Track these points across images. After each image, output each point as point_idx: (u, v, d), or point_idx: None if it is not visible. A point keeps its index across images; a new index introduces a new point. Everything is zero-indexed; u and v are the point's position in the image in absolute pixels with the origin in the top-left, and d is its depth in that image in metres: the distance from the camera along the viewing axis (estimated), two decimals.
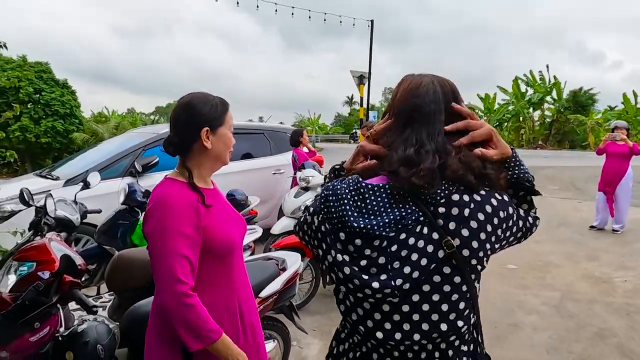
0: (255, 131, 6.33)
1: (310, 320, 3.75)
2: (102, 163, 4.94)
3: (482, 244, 0.92)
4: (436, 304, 0.91)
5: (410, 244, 0.90)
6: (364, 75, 12.46)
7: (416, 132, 0.98)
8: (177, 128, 1.47)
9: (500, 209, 0.95)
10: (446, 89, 1.03)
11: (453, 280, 0.91)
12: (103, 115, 32.49)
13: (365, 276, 0.91)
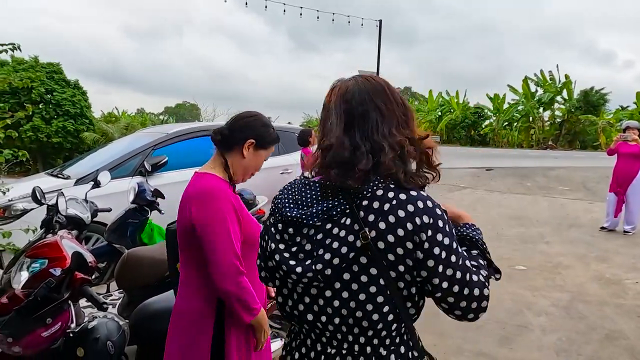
0: None
1: None
2: (112, 162, 4.99)
3: (399, 240, 0.94)
4: (354, 293, 0.97)
5: (334, 233, 0.98)
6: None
7: (350, 135, 1.01)
8: (234, 125, 1.67)
9: (425, 214, 0.95)
10: (374, 87, 1.06)
11: (369, 272, 0.96)
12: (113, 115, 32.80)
13: (293, 262, 1.00)
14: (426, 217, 0.95)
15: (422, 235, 0.94)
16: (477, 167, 15.59)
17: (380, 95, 1.04)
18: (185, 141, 5.45)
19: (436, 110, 38.97)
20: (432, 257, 0.95)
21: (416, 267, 0.97)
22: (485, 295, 1.01)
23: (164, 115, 62.48)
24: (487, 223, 7.45)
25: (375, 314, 0.97)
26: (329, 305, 0.99)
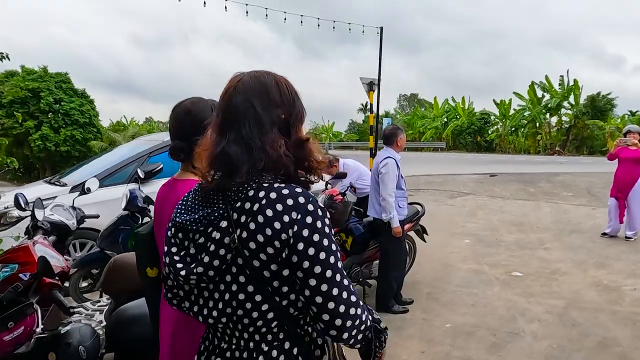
0: None
1: None
2: (108, 170, 5.04)
3: (268, 239, 0.95)
4: (234, 293, 1.00)
5: (213, 237, 1.00)
6: (373, 82, 12.43)
7: (226, 135, 1.02)
8: (181, 133, 1.53)
9: (295, 210, 0.96)
10: (257, 85, 1.05)
11: (246, 272, 0.98)
12: (121, 124, 33.21)
13: (180, 265, 1.03)
14: (295, 214, 0.95)
15: (289, 232, 0.95)
16: (481, 173, 15.49)
17: (260, 94, 1.04)
18: None
19: (442, 116, 38.88)
20: (304, 256, 0.96)
21: (291, 268, 0.98)
22: (363, 320, 1.02)
23: None
24: (487, 229, 7.40)
25: (254, 312, 0.99)
26: (216, 306, 1.02)
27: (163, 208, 1.54)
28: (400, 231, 3.83)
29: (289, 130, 1.07)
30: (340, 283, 0.99)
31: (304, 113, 1.12)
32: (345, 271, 3.87)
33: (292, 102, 1.08)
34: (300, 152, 1.06)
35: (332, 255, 0.99)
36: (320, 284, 0.97)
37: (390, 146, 3.97)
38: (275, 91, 1.07)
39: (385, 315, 3.93)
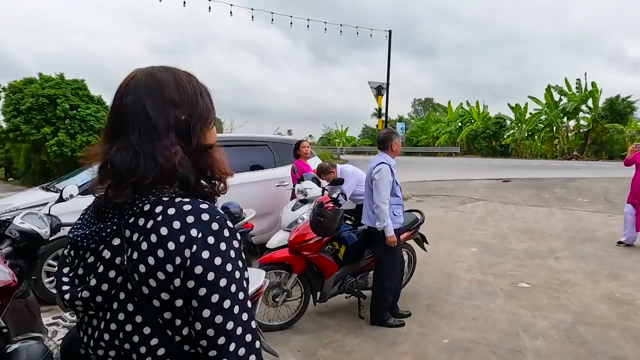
0: (259, 143, 6.26)
1: (297, 340, 3.58)
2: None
3: (159, 263, 0.82)
4: (121, 323, 0.86)
5: (104, 256, 0.87)
6: (382, 86, 12.27)
7: (117, 141, 0.89)
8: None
9: (195, 228, 0.83)
10: (153, 83, 0.91)
11: (134, 299, 0.85)
12: None
13: (66, 287, 0.91)
14: (194, 232, 0.82)
15: (186, 253, 0.81)
16: (494, 178, 15.12)
17: (154, 93, 0.90)
18: None
19: (456, 121, 38.38)
20: (201, 282, 0.82)
21: (186, 297, 0.83)
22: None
23: None
24: (496, 236, 7.14)
25: (142, 346, 0.86)
26: (102, 337, 0.89)
27: None
28: (395, 240, 3.64)
29: (193, 133, 0.92)
30: (237, 317, 0.84)
31: (211, 114, 0.97)
32: (339, 282, 3.63)
33: (194, 101, 0.94)
34: (202, 160, 0.92)
35: (235, 284, 0.84)
36: (214, 315, 0.82)
37: (384, 151, 3.80)
38: (173, 89, 0.92)
39: (379, 329, 3.75)
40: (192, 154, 0.91)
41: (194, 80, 0.97)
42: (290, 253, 3.72)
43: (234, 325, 0.83)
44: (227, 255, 0.84)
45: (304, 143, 5.73)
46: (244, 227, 4.71)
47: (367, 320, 3.90)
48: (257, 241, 4.95)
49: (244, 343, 0.85)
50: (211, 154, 0.94)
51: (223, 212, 0.90)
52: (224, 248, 0.84)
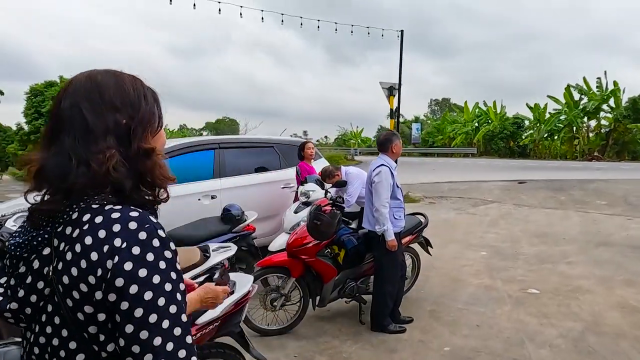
0: (265, 145, 6.23)
1: (294, 346, 3.52)
2: None
3: (82, 274, 0.78)
4: (49, 337, 0.83)
5: (33, 266, 0.85)
6: (393, 87, 12.12)
7: (52, 146, 0.86)
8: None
9: (119, 237, 0.79)
10: (93, 86, 0.88)
11: (60, 312, 0.81)
12: None
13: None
14: (119, 242, 0.79)
15: (108, 264, 0.77)
16: (509, 180, 14.82)
17: (92, 96, 0.87)
18: (178, 156, 5.40)
19: (473, 121, 37.86)
20: (124, 295, 0.77)
21: (109, 311, 0.79)
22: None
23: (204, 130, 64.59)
24: (507, 240, 6.96)
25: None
26: (32, 350, 0.86)
27: None
28: (395, 244, 3.56)
29: (132, 138, 0.88)
30: (167, 332, 0.79)
31: (155, 118, 0.94)
32: (339, 286, 3.57)
33: (136, 105, 0.90)
34: (142, 165, 0.88)
35: (164, 297, 0.79)
36: (139, 331, 0.77)
37: (385, 153, 3.71)
38: (113, 92, 0.89)
39: (379, 335, 3.66)
40: (132, 159, 0.87)
41: (138, 84, 0.94)
42: (288, 257, 3.66)
43: (162, 341, 0.79)
44: (155, 266, 0.80)
45: (308, 144, 5.67)
46: (245, 230, 4.68)
47: (368, 325, 3.82)
48: (262, 243, 4.91)
49: (176, 359, 0.80)
50: (152, 158, 0.90)
51: (156, 221, 0.86)
52: (151, 259, 0.80)
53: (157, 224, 0.85)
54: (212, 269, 3.13)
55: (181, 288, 0.85)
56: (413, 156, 38.13)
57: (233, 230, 4.57)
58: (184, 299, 0.86)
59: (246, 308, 2.34)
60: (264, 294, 3.76)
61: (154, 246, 0.81)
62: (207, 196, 5.37)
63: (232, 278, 2.44)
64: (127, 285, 0.77)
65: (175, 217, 4.71)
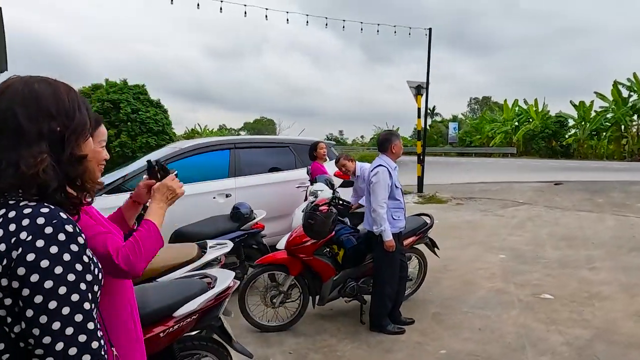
0: (280, 144, 6.33)
1: (291, 342, 3.58)
2: (127, 175, 5.25)
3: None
4: None
5: None
6: (421, 86, 11.95)
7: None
8: None
9: (25, 231, 0.86)
10: (25, 92, 0.96)
11: None
12: (195, 132, 35.22)
13: None
14: (24, 235, 0.86)
15: (13, 254, 0.85)
16: (545, 181, 14.23)
17: (28, 103, 0.95)
18: (195, 156, 5.59)
19: (513, 120, 36.55)
20: (25, 283, 0.85)
21: (15, 297, 0.86)
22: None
23: (243, 130, 65.97)
24: (530, 243, 6.72)
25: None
26: None
27: None
28: (393, 245, 3.54)
29: (64, 144, 0.97)
30: (67, 318, 0.87)
31: (87, 127, 1.03)
32: (339, 285, 3.67)
33: (71, 114, 0.99)
34: (74, 170, 0.97)
35: (65, 286, 0.88)
36: (39, 315, 0.86)
37: (384, 153, 3.70)
38: (50, 101, 0.98)
39: (378, 336, 3.66)
40: (64, 164, 0.96)
41: (72, 94, 1.03)
42: (287, 255, 3.73)
43: (61, 326, 0.86)
44: (58, 258, 0.88)
45: (320, 145, 5.72)
46: (254, 228, 4.80)
47: (368, 326, 3.83)
48: (274, 242, 5.00)
49: (76, 343, 0.88)
50: (84, 164, 0.99)
51: (66, 217, 0.93)
52: (55, 251, 0.88)
53: (67, 220, 0.92)
54: (208, 265, 3.26)
55: (87, 279, 0.92)
56: (450, 156, 37.30)
57: (241, 228, 4.69)
58: (91, 289, 0.93)
59: (225, 303, 2.42)
60: (264, 291, 3.84)
61: (58, 240, 0.89)
62: (222, 195, 5.53)
63: (215, 274, 2.54)
64: (28, 275, 0.85)
65: (191, 214, 4.89)
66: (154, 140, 19.75)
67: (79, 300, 0.89)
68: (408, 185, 12.66)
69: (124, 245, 1.30)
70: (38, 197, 0.94)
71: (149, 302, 2.17)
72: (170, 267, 3.01)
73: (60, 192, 0.97)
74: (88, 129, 1.04)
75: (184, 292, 2.27)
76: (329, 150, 6.58)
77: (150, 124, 19.84)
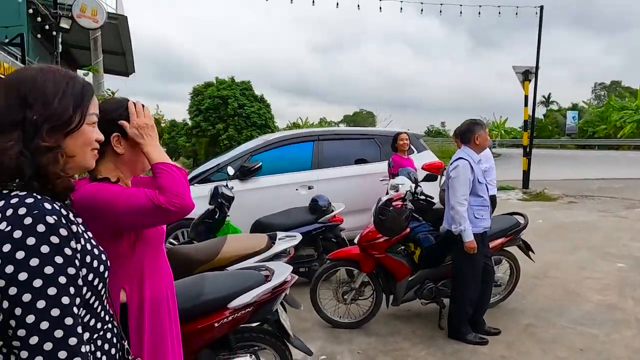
0: (365, 136, 6.16)
1: (361, 341, 3.45)
2: (216, 167, 5.53)
3: None
4: None
5: None
6: (529, 71, 10.78)
7: None
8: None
9: (5, 221, 0.86)
10: (11, 79, 0.97)
11: None
12: (297, 125, 36.50)
13: None
14: (4, 224, 0.86)
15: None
16: None
17: (9, 90, 0.96)
18: (279, 148, 5.68)
19: None
20: (3, 275, 0.85)
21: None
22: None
23: (343, 122, 66.65)
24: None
25: None
26: None
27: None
28: (474, 246, 3.20)
29: (41, 134, 0.95)
30: (42, 311, 0.85)
31: (68, 118, 0.99)
32: (415, 286, 3.48)
33: (48, 103, 0.96)
34: (39, 160, 0.93)
35: (41, 279, 0.86)
36: (14, 308, 0.85)
37: (466, 145, 3.35)
38: (30, 89, 0.96)
39: (456, 344, 3.36)
40: (32, 153, 0.94)
41: (58, 83, 0.99)
42: (360, 251, 3.59)
43: (35, 319, 0.85)
44: (35, 249, 0.86)
45: (402, 135, 5.41)
46: (332, 221, 4.74)
47: (446, 332, 3.54)
48: (354, 237, 4.90)
49: (51, 338, 0.86)
50: (48, 155, 0.95)
51: (50, 208, 0.91)
52: (32, 243, 0.86)
53: (50, 211, 0.90)
54: (276, 256, 3.27)
55: (69, 272, 0.90)
56: (567, 148, 33.60)
57: (319, 220, 4.66)
58: (73, 283, 0.91)
59: (281, 297, 2.37)
60: (336, 286, 3.76)
61: (37, 231, 0.87)
62: (305, 186, 5.56)
63: (274, 267, 2.51)
64: (3, 266, 0.85)
65: (273, 205, 5.00)
66: (257, 134, 20.83)
67: (56, 293, 0.86)
68: (512, 180, 11.62)
69: (153, 191, 1.30)
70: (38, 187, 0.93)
71: (205, 291, 2.20)
72: (240, 256, 3.06)
73: (40, 182, 0.94)
74: (72, 121, 1.00)
75: (240, 284, 2.27)
76: (417, 142, 6.25)
77: (254, 118, 21.01)
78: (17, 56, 6.76)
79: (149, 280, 1.49)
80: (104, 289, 1.04)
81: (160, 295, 1.55)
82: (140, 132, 1.38)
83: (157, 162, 1.35)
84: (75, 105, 1.01)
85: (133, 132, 1.38)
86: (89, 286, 0.98)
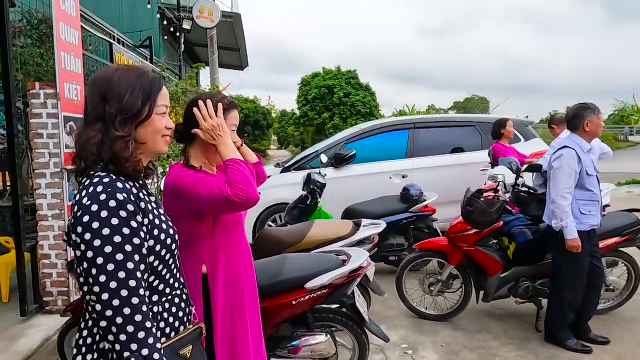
0: (465, 123, 5.85)
1: (446, 335, 3.36)
2: (313, 153, 5.72)
3: (70, 218, 1.10)
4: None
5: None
6: None
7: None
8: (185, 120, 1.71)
9: (80, 201, 1.06)
10: (99, 78, 1.15)
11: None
12: (403, 113, 35.72)
13: None
14: (86, 199, 1.05)
15: (77, 214, 1.05)
16: None
17: (96, 89, 1.14)
18: (374, 136, 5.66)
19: None
20: (82, 240, 1.04)
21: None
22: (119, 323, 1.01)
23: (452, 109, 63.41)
24: None
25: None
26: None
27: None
28: (578, 245, 2.88)
29: (115, 125, 1.11)
30: (111, 273, 1.02)
31: (137, 111, 1.14)
32: (509, 283, 3.36)
33: (120, 98, 1.12)
34: (113, 147, 1.10)
35: (110, 245, 1.02)
36: (90, 268, 1.02)
37: (575, 131, 3.00)
38: (107, 87, 1.13)
39: (552, 349, 3.10)
40: (109, 141, 1.11)
41: (130, 80, 1.15)
42: (448, 242, 3.47)
43: (106, 279, 1.01)
44: (107, 221, 1.03)
45: (509, 122, 5.02)
46: (423, 210, 4.63)
47: (543, 335, 3.27)
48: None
49: (118, 296, 1.01)
50: (119, 142, 1.11)
51: (121, 187, 1.08)
52: (105, 215, 1.03)
53: (121, 189, 1.07)
54: (360, 242, 3.32)
55: (134, 242, 1.06)
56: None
57: (410, 209, 4.58)
58: (138, 251, 1.07)
59: (356, 282, 2.42)
60: (422, 277, 3.69)
61: (109, 206, 1.04)
62: (398, 175, 5.50)
63: (351, 252, 2.56)
64: (83, 232, 1.03)
65: (366, 192, 5.05)
66: (362, 122, 20.96)
67: (122, 259, 1.02)
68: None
69: (225, 183, 1.47)
70: (113, 170, 1.11)
71: (285, 271, 2.34)
72: (325, 241, 3.19)
73: (115, 165, 1.11)
74: (141, 113, 1.15)
75: (318, 266, 2.37)
76: (525, 129, 5.76)
77: (359, 106, 21.09)
78: (147, 56, 7.71)
79: (224, 258, 1.67)
80: (171, 259, 1.20)
81: (237, 271, 1.72)
82: (210, 135, 1.56)
83: (227, 159, 1.52)
84: (144, 99, 1.16)
85: (205, 136, 1.58)
86: (156, 255, 1.13)
